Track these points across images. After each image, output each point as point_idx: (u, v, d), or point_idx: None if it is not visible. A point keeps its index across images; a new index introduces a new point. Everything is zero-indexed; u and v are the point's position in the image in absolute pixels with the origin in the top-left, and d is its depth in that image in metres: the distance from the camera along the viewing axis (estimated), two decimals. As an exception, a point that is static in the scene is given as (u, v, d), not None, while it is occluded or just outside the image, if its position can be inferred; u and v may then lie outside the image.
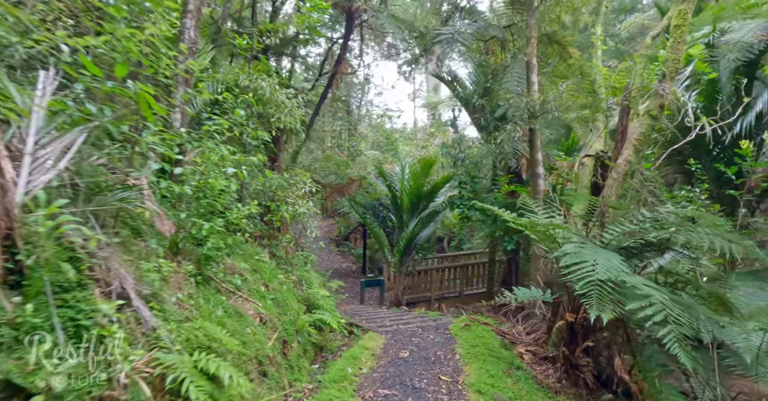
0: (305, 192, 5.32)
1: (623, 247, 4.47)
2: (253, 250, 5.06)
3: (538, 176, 7.17)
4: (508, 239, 8.25)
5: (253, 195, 5.13)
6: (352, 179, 11.38)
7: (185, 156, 4.13)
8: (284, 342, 4.18)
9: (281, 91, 5.26)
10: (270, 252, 5.55)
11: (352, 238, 22.31)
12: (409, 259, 12.78)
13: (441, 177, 13.83)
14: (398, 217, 13.50)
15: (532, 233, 4.17)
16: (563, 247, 3.77)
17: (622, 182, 4.88)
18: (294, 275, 5.42)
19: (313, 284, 5.61)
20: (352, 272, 18.02)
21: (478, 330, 5.56)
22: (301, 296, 5.16)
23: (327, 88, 10.26)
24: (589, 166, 5.24)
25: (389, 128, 28.27)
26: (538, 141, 7.13)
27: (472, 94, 9.05)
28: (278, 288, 4.69)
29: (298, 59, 19.48)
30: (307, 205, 5.13)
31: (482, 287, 13.11)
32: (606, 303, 3.35)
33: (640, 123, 4.96)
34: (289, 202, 5.14)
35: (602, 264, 3.54)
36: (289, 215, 5.02)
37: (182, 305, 2.96)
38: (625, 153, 4.92)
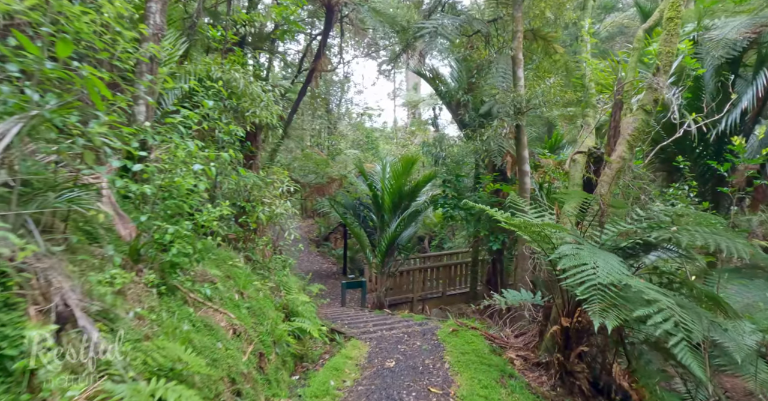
0: (283, 192, 4.96)
1: (619, 247, 4.26)
2: (226, 254, 4.69)
3: (525, 173, 6.97)
4: (494, 239, 8.04)
5: (226, 195, 4.76)
6: (332, 179, 11.03)
7: (150, 153, 3.76)
8: (261, 355, 3.84)
9: (256, 84, 4.89)
10: (245, 256, 5.18)
11: (333, 238, 21.92)
12: (391, 260, 12.49)
13: (422, 176, 13.59)
14: (379, 217, 13.21)
15: (526, 233, 3.92)
16: (560, 248, 3.53)
17: (616, 179, 4.68)
18: (271, 281, 5.07)
19: (292, 289, 5.26)
20: (332, 274, 17.65)
21: (466, 336, 5.30)
22: (279, 304, 4.82)
23: (306, 85, 9.89)
24: (580, 163, 5.03)
25: (369, 126, 27.97)
26: (524, 138, 6.93)
27: (456, 90, 8.81)
28: (254, 296, 4.34)
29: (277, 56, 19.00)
30: (284, 205, 4.78)
31: (465, 287, 12.94)
32: (609, 308, 3.12)
33: (634, 118, 4.77)
34: (266, 202, 4.78)
35: (603, 267, 3.30)
36: (265, 217, 4.67)
37: (141, 321, 2.60)
38: (619, 149, 4.72)
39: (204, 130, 4.70)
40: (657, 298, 2.99)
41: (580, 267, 3.32)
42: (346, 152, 21.61)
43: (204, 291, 3.28)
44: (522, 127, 6.86)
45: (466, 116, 8.09)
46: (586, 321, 4.38)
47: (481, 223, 8.37)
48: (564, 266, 3.34)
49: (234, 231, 5.14)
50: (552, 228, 3.71)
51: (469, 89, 8.06)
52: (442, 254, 14.40)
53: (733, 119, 7.89)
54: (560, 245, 3.88)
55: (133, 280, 2.74)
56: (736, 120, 7.92)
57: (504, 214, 3.97)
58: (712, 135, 7.89)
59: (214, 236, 4.91)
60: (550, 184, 7.71)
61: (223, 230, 4.85)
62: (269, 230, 5.75)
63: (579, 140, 5.20)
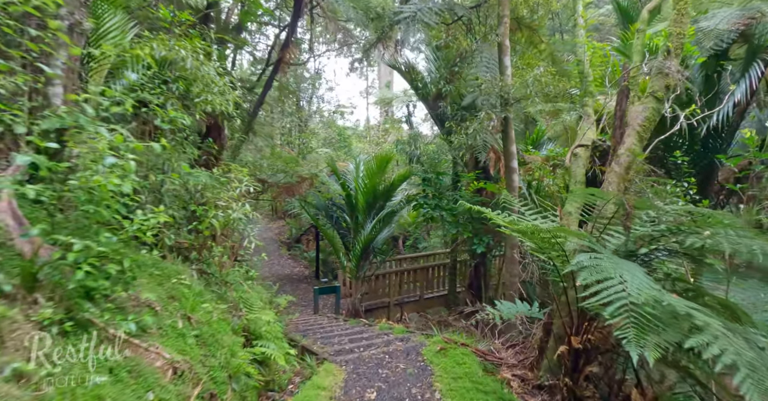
0: (241, 192, 4.20)
1: (633, 253, 3.70)
2: (173, 269, 3.89)
3: (513, 170, 6.40)
4: (478, 242, 7.45)
5: (172, 197, 3.97)
6: (302, 178, 10.25)
7: (71, 146, 2.95)
8: (211, 396, 3.09)
9: (209, 65, 4.11)
10: (198, 270, 4.39)
11: (305, 240, 21.04)
12: (366, 263, 11.79)
13: (397, 175, 12.94)
14: (353, 218, 12.48)
15: (531, 240, 3.30)
16: (577, 258, 2.91)
17: (625, 175, 4.12)
18: (230, 297, 4.30)
19: (254, 306, 4.50)
20: (304, 278, 16.81)
21: (456, 355, 4.66)
22: (239, 326, 4.05)
23: (272, 75, 9.08)
24: (582, 157, 4.46)
25: (342, 124, 27.18)
26: (512, 131, 6.35)
27: (436, 80, 8.17)
28: (205, 319, 3.57)
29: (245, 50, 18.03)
30: (243, 208, 4.02)
31: (443, 289, 12.39)
32: (644, 333, 2.53)
33: (644, 107, 4.22)
34: (221, 205, 4.01)
35: (631, 281, 2.71)
36: (219, 223, 3.90)
37: (26, 379, 1.82)
38: (628, 141, 4.16)
39: (145, 118, 3.90)
40: (707, 322, 2.41)
41: (606, 282, 2.71)
42: (318, 151, 20.79)
43: (128, 327, 2.50)
44: (510, 119, 6.29)
45: (447, 109, 7.47)
46: (597, 338, 3.80)
47: (464, 224, 7.78)
48: (586, 282, 2.72)
49: (185, 239, 4.34)
50: (569, 235, 3.09)
51: (450, 80, 7.45)
52: (418, 256, 13.79)
53: (725, 112, 7.54)
54: (574, 253, 3.27)
55: (15, 318, 1.96)
56: (729, 114, 7.57)
57: (504, 217, 3.33)
58: (703, 130, 7.54)
59: (158, 246, 4.12)
60: (540, 182, 7.19)
61: (169, 240, 4.08)
62: (230, 237, 4.96)
63: (579, 133, 4.64)
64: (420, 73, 10.76)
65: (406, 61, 11.01)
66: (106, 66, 4.34)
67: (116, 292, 2.69)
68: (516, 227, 3.17)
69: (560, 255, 3.32)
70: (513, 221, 3.18)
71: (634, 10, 9.20)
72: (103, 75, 4.38)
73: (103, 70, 4.34)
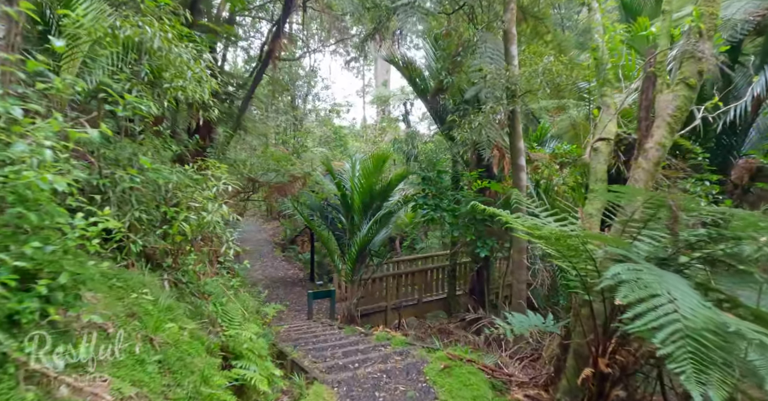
0: (218, 191, 3.69)
1: (663, 261, 3.22)
2: (138, 280, 3.38)
3: (521, 168, 5.92)
4: (482, 245, 6.96)
5: (138, 198, 3.46)
6: (294, 177, 9.74)
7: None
8: (175, 436, 2.58)
9: (180, 44, 3.60)
10: (172, 279, 3.88)
11: (300, 241, 20.52)
12: (362, 266, 11.29)
13: (395, 174, 12.46)
14: (349, 219, 11.99)
15: (555, 247, 2.81)
16: (613, 269, 2.42)
17: (654, 171, 3.64)
18: (207, 311, 3.79)
19: (235, 320, 3.99)
20: (299, 281, 16.29)
21: (462, 374, 4.16)
22: (215, 344, 3.54)
23: (262, 68, 8.57)
24: (604, 152, 3.97)
25: (338, 124, 26.64)
26: (519, 126, 5.87)
27: (437, 72, 7.67)
28: (173, 340, 3.06)
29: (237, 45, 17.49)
30: (219, 210, 3.51)
31: (442, 293, 11.91)
32: (708, 367, 2.05)
33: (674, 95, 3.74)
34: (195, 206, 3.50)
35: (683, 300, 2.23)
36: (191, 226, 3.39)
37: None
38: (657, 134, 3.68)
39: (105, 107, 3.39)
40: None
41: (651, 301, 2.23)
42: (313, 150, 20.27)
43: (55, 363, 1.99)
44: (517, 113, 5.81)
45: (449, 102, 6.96)
46: (627, 359, 3.32)
47: (466, 226, 7.28)
48: (628, 300, 2.23)
49: (157, 245, 3.83)
50: (603, 242, 2.60)
51: (452, 70, 6.96)
52: (416, 258, 13.31)
53: (741, 107, 7.09)
54: (606, 262, 2.78)
55: None
56: (747, 108, 7.12)
57: (523, 220, 2.84)
58: (719, 125, 7.10)
59: (123, 254, 3.61)
60: (549, 180, 6.70)
61: (136, 246, 3.57)
62: (209, 242, 4.45)
63: (599, 125, 4.15)
64: (418, 68, 10.30)
65: (404, 56, 10.55)
66: (79, 56, 3.81)
67: (52, 315, 2.18)
68: (537, 233, 2.68)
69: (588, 265, 2.83)
70: (534, 226, 2.69)
71: (638, 4, 8.75)
72: (76, 64, 3.84)
73: (76, 59, 3.81)
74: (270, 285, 15.30)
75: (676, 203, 2.48)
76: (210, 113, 4.07)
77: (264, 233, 22.24)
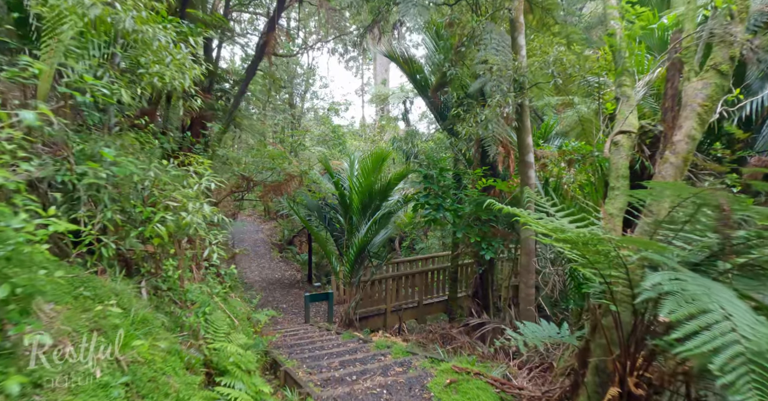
0: (199, 190, 3.32)
1: (699, 268, 2.86)
2: (109, 288, 3.02)
3: (529, 166, 5.57)
4: (487, 247, 6.61)
5: (111, 195, 3.10)
6: (290, 175, 9.37)
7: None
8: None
9: (156, 25, 3.23)
10: (150, 288, 3.52)
11: (298, 242, 20.17)
12: (361, 268, 10.95)
13: (394, 173, 12.12)
14: (347, 219, 11.65)
15: (582, 252, 2.45)
16: (653, 278, 2.07)
17: (683, 167, 3.29)
18: (190, 322, 3.43)
19: (220, 330, 3.62)
20: (296, 282, 15.91)
21: (470, 389, 3.81)
22: (196, 360, 3.18)
23: (255, 61, 8.20)
24: (625, 146, 3.61)
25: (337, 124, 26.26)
26: (528, 121, 5.52)
27: (440, 63, 7.30)
28: (146, 357, 2.70)
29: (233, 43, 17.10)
30: (200, 210, 3.14)
31: (443, 295, 11.57)
32: None
33: (704, 83, 3.39)
34: (173, 206, 3.13)
35: (738, 317, 1.88)
36: (167, 229, 3.02)
37: None
38: (686, 125, 3.33)
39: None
40: None
41: (702, 317, 1.88)
42: (311, 149, 19.92)
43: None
44: (526, 106, 5.46)
45: (453, 96, 6.59)
46: (658, 378, 2.97)
47: (470, 227, 6.93)
48: (676, 317, 1.88)
49: (133, 248, 3.46)
50: (642, 247, 2.24)
51: (456, 62, 6.59)
52: (416, 259, 12.97)
53: (758, 102, 6.75)
54: (637, 270, 2.43)
55: None
56: (764, 102, 6.77)
57: (545, 221, 2.48)
58: (734, 121, 6.75)
59: (93, 257, 3.25)
60: (558, 178, 6.35)
61: (108, 250, 3.21)
62: (195, 245, 4.08)
63: (618, 117, 3.80)
64: (418, 64, 9.98)
65: (404, 52, 10.22)
66: (60, 46, 3.43)
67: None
68: (562, 236, 2.32)
69: (617, 272, 2.47)
70: (558, 228, 2.33)
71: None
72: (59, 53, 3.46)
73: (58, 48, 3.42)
74: (266, 287, 14.94)
75: (724, 202, 2.12)
76: (192, 102, 3.70)
77: (261, 233, 21.87)
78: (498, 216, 7.10)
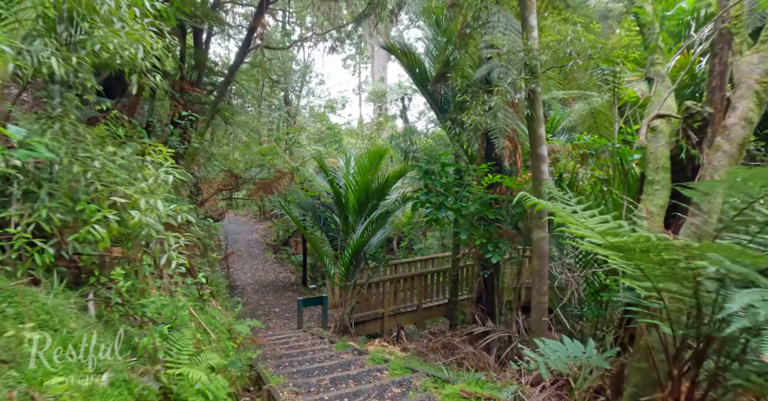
0: (155, 184, 2.74)
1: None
2: (39, 304, 2.45)
3: (542, 159, 5.00)
4: (493, 249, 6.04)
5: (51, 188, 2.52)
6: (281, 172, 8.79)
7: None
8: None
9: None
10: (100, 301, 2.94)
11: (293, 242, 19.57)
12: (357, 270, 10.37)
13: (392, 171, 11.56)
14: (343, 219, 11.08)
15: (636, 262, 1.88)
16: (739, 298, 1.51)
17: (738, 155, 2.73)
18: (145, 343, 2.84)
19: (185, 352, 3.04)
20: (290, 285, 15.33)
21: (481, 419, 3.24)
22: (149, 391, 2.60)
23: (243, 48, 7.60)
24: (664, 133, 3.06)
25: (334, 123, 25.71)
26: (540, 109, 4.96)
27: (443, 47, 6.72)
28: (75, 394, 2.12)
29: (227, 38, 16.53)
30: (154, 209, 2.56)
31: (443, 298, 11.03)
32: None
33: (761, 56, 2.84)
34: (121, 202, 2.55)
35: None
36: (109, 231, 2.44)
37: None
38: (741, 106, 2.77)
39: None
40: None
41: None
42: (307, 147, 19.36)
43: None
44: (538, 93, 4.89)
45: (457, 81, 6.00)
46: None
47: (474, 227, 6.36)
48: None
49: (81, 252, 2.88)
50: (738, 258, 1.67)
51: (461, 45, 5.99)
52: (415, 261, 12.42)
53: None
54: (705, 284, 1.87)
55: None
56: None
57: (598, 222, 1.91)
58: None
59: (26, 265, 2.68)
60: (575, 174, 5.78)
61: (44, 256, 2.64)
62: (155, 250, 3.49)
63: (654, 99, 3.24)
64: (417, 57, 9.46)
65: (402, 43, 9.70)
66: None
67: None
68: (614, 241, 1.75)
69: (683, 288, 1.91)
70: (612, 231, 1.76)
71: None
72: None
73: None
74: (259, 290, 14.36)
75: None
76: (146, 79, 3.11)
77: (256, 233, 21.29)
78: (504, 216, 6.53)
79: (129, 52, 2.73)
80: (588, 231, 1.84)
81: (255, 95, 19.98)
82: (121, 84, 8.86)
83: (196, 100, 8.52)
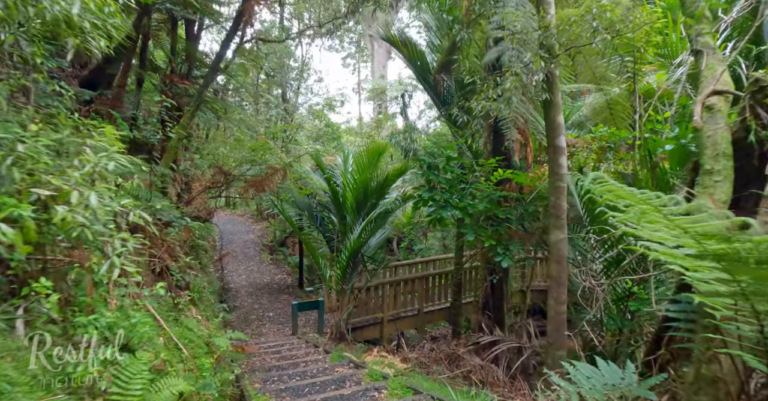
0: (97, 171, 2.19)
1: None
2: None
3: (560, 151, 4.45)
4: (503, 252, 5.48)
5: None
6: (273, 169, 8.23)
7: None
8: None
9: None
10: (32, 318, 2.39)
11: (290, 243, 19.00)
12: (355, 273, 9.81)
13: (392, 169, 11.01)
14: (341, 219, 10.50)
15: (742, 277, 1.33)
16: None
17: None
18: (79, 374, 2.29)
19: (136, 382, 2.49)
20: (286, 287, 14.76)
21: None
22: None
23: (231, 33, 7.04)
24: (723, 112, 2.51)
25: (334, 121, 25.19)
26: (558, 94, 4.41)
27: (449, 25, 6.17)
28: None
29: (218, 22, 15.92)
30: (88, 203, 2.01)
31: (445, 301, 10.52)
32: None
33: None
34: (44, 195, 2.00)
35: None
36: (25, 232, 1.89)
37: None
38: (829, 77, 2.22)
39: None
40: None
41: None
42: (305, 146, 18.83)
43: None
44: (556, 77, 4.35)
45: (464, 63, 5.43)
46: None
47: (482, 228, 5.80)
48: None
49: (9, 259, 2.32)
50: None
51: (468, 23, 5.41)
52: (416, 262, 11.89)
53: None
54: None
55: None
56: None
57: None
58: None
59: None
60: (595, 168, 5.24)
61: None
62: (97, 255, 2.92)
63: (706, 73, 2.68)
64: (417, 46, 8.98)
65: (402, 34, 9.24)
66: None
67: None
68: (722, 247, 1.20)
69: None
70: (724, 234, 1.21)
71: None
72: None
73: None
74: (254, 293, 13.80)
75: None
76: (88, 43, 2.56)
77: (252, 234, 20.72)
78: (513, 215, 5.97)
79: (59, 5, 2.17)
80: (671, 233, 1.30)
81: (251, 92, 19.47)
82: (105, 77, 8.35)
83: (185, 92, 7.98)
